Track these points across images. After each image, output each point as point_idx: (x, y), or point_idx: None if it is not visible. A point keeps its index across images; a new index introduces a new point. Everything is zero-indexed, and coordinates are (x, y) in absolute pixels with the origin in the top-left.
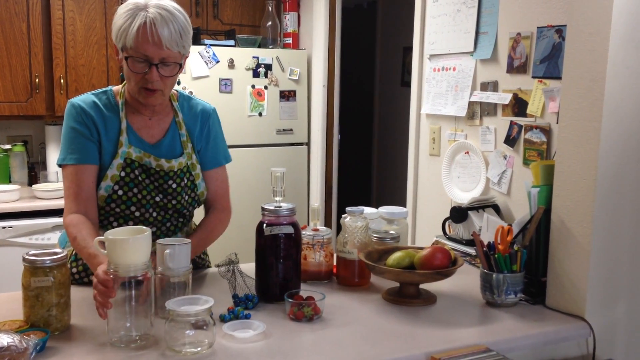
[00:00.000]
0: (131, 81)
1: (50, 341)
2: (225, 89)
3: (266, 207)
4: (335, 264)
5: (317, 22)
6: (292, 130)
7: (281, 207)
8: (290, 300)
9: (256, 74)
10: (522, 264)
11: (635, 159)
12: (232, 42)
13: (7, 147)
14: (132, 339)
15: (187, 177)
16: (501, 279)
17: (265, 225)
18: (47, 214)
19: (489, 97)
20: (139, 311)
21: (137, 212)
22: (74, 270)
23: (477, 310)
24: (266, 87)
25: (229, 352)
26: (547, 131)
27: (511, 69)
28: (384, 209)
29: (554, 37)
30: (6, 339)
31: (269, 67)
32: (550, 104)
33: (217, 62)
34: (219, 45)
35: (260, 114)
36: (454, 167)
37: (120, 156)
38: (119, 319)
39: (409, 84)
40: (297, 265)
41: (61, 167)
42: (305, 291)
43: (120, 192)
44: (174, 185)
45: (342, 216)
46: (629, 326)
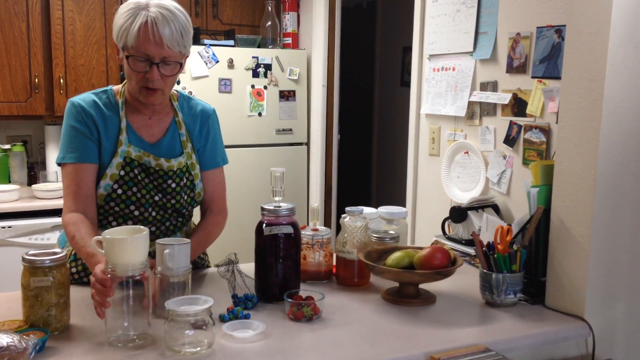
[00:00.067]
0: (132, 80)
1: (49, 341)
2: (224, 89)
3: (266, 207)
4: (334, 264)
5: (316, 22)
6: (291, 130)
7: (281, 207)
8: (289, 300)
9: (256, 74)
10: (521, 263)
11: (634, 159)
12: (231, 42)
13: (7, 147)
14: (129, 339)
15: (187, 177)
16: (501, 279)
17: (264, 225)
18: (46, 214)
19: (489, 97)
20: (137, 311)
21: (137, 212)
22: (74, 270)
23: (477, 310)
24: (266, 87)
25: (228, 352)
26: (546, 131)
27: (511, 69)
28: (384, 209)
29: (554, 37)
30: (5, 339)
31: (268, 67)
32: (549, 104)
33: (217, 62)
34: (218, 45)
35: (259, 114)
36: (454, 167)
37: (119, 155)
38: (117, 319)
39: (409, 84)
40: (297, 265)
41: (60, 165)
42: (304, 291)
43: (119, 191)
44: (173, 184)
45: (342, 216)
46: (628, 326)
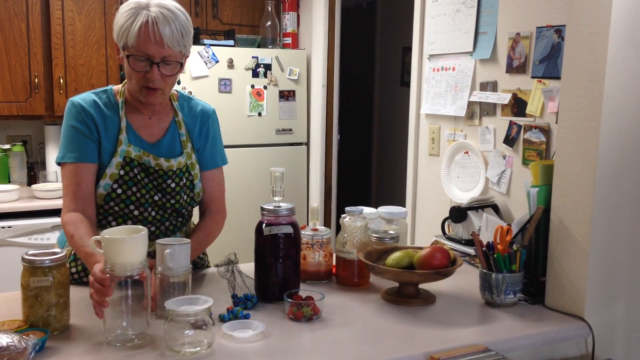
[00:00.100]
0: (132, 80)
1: (49, 341)
2: (224, 88)
3: (265, 207)
4: (334, 263)
5: (316, 22)
6: (291, 130)
7: (280, 207)
8: (289, 300)
9: (255, 74)
10: (521, 263)
11: (634, 158)
12: (231, 42)
13: (7, 147)
14: (128, 338)
15: (186, 177)
16: (500, 279)
17: (264, 225)
18: (46, 213)
19: (488, 97)
20: (136, 310)
21: (136, 211)
22: (73, 270)
23: (477, 310)
24: (265, 87)
25: (228, 352)
26: (546, 131)
27: (510, 69)
28: (383, 209)
29: (553, 37)
30: (5, 339)
31: (268, 67)
32: (549, 103)
33: (217, 62)
34: (218, 45)
35: (259, 114)
36: (454, 167)
37: (119, 155)
38: (116, 318)
39: (409, 84)
40: (297, 265)
41: (60, 165)
42: (304, 291)
43: (119, 191)
44: (173, 184)
45: (342, 216)
46: (628, 326)
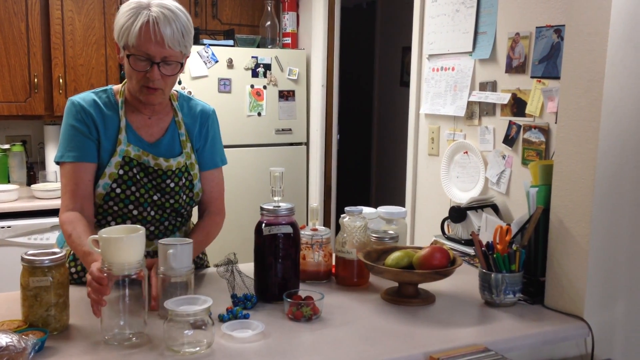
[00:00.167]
0: (132, 79)
1: (48, 341)
2: (224, 88)
3: (265, 206)
4: (334, 263)
5: (316, 22)
6: (291, 130)
7: (280, 206)
8: (289, 300)
9: (255, 74)
10: (520, 263)
11: (634, 158)
12: (231, 42)
13: (6, 147)
14: (125, 337)
15: (185, 177)
16: (500, 279)
17: (264, 225)
18: (45, 213)
19: (488, 97)
20: (133, 309)
21: (135, 211)
22: (73, 270)
23: (476, 310)
24: (265, 87)
25: (227, 352)
26: (545, 131)
27: (510, 68)
28: (383, 209)
29: (553, 37)
30: (5, 339)
31: (267, 67)
32: (549, 103)
33: (216, 61)
34: (217, 45)
35: (259, 114)
36: (453, 167)
37: (118, 154)
38: (113, 317)
39: (408, 84)
40: (296, 265)
41: (59, 164)
42: (304, 291)
43: (118, 190)
44: (172, 184)
45: (341, 216)
46: (627, 326)
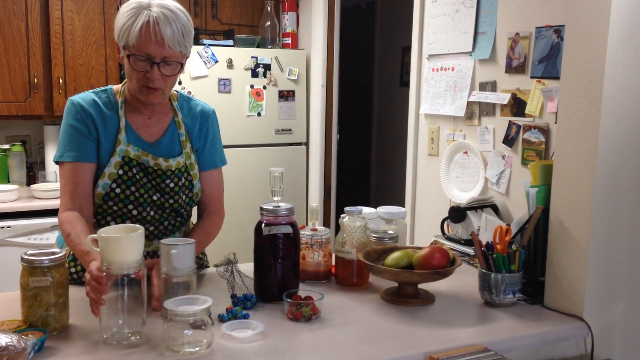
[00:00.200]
0: (132, 79)
1: (48, 341)
2: (223, 89)
3: (265, 206)
4: (333, 263)
5: (315, 22)
6: (290, 130)
7: (280, 207)
8: (288, 300)
9: (255, 74)
10: (520, 263)
11: (633, 158)
12: (230, 42)
13: (6, 147)
14: (124, 336)
15: (185, 177)
16: (499, 279)
17: (263, 225)
18: (45, 213)
19: (488, 97)
20: (132, 309)
21: (135, 211)
22: (72, 270)
23: (476, 310)
24: (265, 87)
25: (227, 352)
26: (545, 131)
27: (510, 69)
28: (383, 209)
29: (553, 37)
30: (4, 339)
31: (267, 67)
32: (548, 104)
33: (216, 62)
34: (217, 45)
35: (259, 114)
36: (453, 167)
37: (118, 154)
38: (112, 317)
39: (408, 84)
40: (296, 265)
41: (58, 163)
42: (303, 291)
43: (117, 190)
44: (172, 184)
45: (341, 216)
46: (627, 326)
